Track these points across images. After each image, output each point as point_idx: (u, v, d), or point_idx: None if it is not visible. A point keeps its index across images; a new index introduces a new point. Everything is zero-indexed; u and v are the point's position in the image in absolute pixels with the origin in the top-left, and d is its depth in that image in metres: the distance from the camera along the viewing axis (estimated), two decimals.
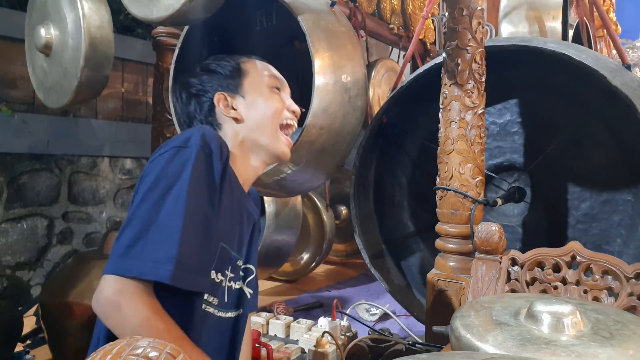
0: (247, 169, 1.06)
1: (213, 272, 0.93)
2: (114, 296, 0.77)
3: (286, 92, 1.14)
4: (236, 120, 1.05)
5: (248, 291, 1.11)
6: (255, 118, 1.06)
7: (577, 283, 1.05)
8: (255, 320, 1.74)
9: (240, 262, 1.06)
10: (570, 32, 2.51)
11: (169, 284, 0.77)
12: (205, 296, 0.94)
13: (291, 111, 1.10)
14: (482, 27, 1.41)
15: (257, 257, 1.20)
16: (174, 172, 0.83)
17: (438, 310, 1.44)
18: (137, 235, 0.79)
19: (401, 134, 2.07)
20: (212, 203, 0.88)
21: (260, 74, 1.09)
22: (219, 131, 1.05)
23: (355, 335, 1.63)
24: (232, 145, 1.03)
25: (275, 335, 1.70)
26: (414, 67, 3.07)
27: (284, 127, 1.09)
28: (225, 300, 1.00)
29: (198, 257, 0.83)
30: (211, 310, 0.96)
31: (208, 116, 1.06)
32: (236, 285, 1.05)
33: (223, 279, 0.97)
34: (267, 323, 1.74)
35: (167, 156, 0.85)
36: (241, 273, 1.08)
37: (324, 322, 1.63)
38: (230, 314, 1.03)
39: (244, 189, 1.06)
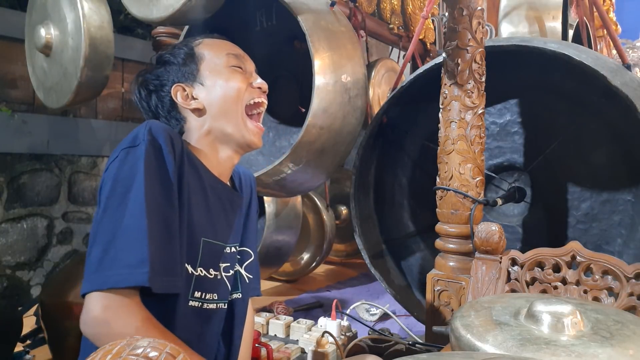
0: (219, 161, 1.01)
1: (200, 269, 0.91)
2: (101, 314, 0.75)
3: (249, 68, 1.05)
4: (198, 110, 0.99)
5: (246, 275, 1.08)
6: (218, 104, 0.99)
7: (577, 283, 1.05)
8: (255, 320, 1.74)
9: (233, 248, 1.03)
10: (570, 32, 2.51)
11: (148, 285, 0.75)
12: (208, 296, 0.93)
13: (257, 88, 1.03)
14: (482, 27, 1.41)
15: (257, 257, 1.18)
16: (127, 175, 0.81)
17: (438, 310, 1.44)
18: (106, 247, 0.77)
19: (401, 134, 2.07)
20: (169, 199, 0.84)
21: (217, 54, 1.02)
22: (184, 124, 1.00)
23: (355, 335, 1.63)
24: (199, 138, 0.99)
25: (275, 335, 1.70)
26: (414, 67, 3.07)
27: (252, 106, 1.02)
28: (226, 290, 1.00)
29: (166, 257, 0.81)
30: (213, 306, 0.96)
31: (171, 110, 1.00)
32: (232, 271, 1.03)
33: (217, 272, 0.96)
34: (267, 323, 1.74)
35: (118, 161, 0.83)
36: (237, 256, 1.06)
37: (324, 322, 1.63)
38: (231, 298, 1.03)
39: (222, 179, 1.02)
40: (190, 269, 0.90)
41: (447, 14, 1.51)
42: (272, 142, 2.19)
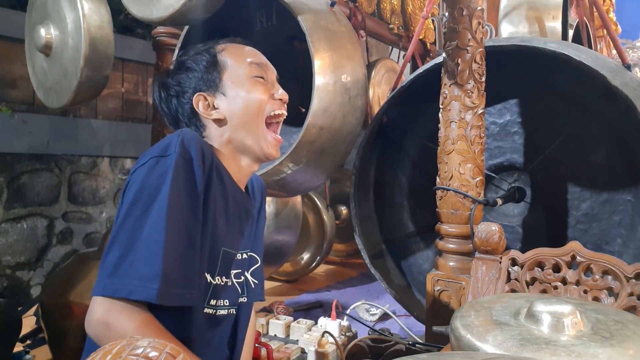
0: (239, 168, 1.02)
1: (218, 277, 0.92)
2: (103, 317, 0.76)
3: (271, 77, 1.06)
4: (219, 120, 0.99)
5: (252, 280, 1.09)
6: (239, 116, 0.99)
7: (577, 283, 1.05)
8: (257, 320, 1.74)
9: (245, 255, 1.05)
10: (570, 32, 2.51)
11: (155, 302, 0.75)
12: (221, 302, 0.94)
13: (278, 99, 1.03)
14: (482, 27, 1.41)
15: (262, 262, 1.18)
16: (154, 184, 0.81)
17: (438, 310, 1.44)
18: (123, 253, 0.77)
19: (401, 134, 2.07)
20: (194, 212, 0.85)
21: (240, 64, 1.01)
22: (204, 132, 1.01)
23: (355, 335, 1.63)
24: (219, 146, 1.00)
25: (275, 335, 1.70)
26: (414, 67, 3.07)
27: (272, 117, 1.02)
28: (237, 296, 1.01)
29: (183, 270, 0.81)
30: (224, 312, 0.96)
31: (191, 117, 1.01)
32: (243, 277, 1.04)
33: (228, 280, 0.97)
34: (267, 323, 1.74)
35: (147, 167, 0.83)
36: (248, 262, 1.07)
37: (324, 322, 1.63)
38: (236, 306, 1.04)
39: (240, 187, 1.03)
40: (209, 278, 0.91)
41: (447, 14, 1.51)
42: None
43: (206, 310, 0.92)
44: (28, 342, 1.72)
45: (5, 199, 2.33)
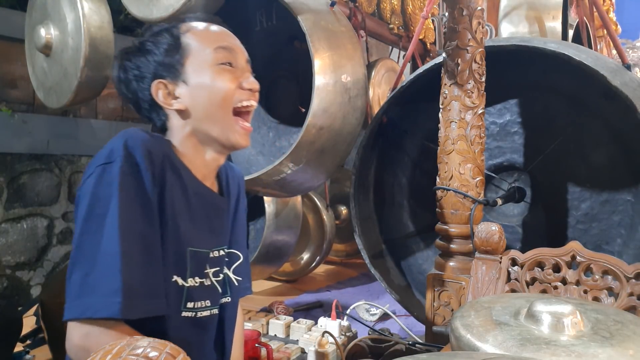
0: (204, 162, 0.95)
1: (191, 279, 0.88)
2: (81, 342, 0.75)
3: (241, 63, 0.95)
4: (180, 111, 0.91)
5: (235, 278, 1.04)
6: (202, 107, 0.90)
7: (577, 283, 1.05)
8: (257, 320, 1.74)
9: (221, 251, 0.99)
10: (570, 32, 2.51)
11: (122, 317, 0.74)
12: (200, 304, 0.91)
13: (247, 90, 0.93)
14: (482, 27, 1.41)
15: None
16: (103, 196, 0.78)
17: (438, 310, 1.44)
18: (85, 272, 0.76)
19: (401, 134, 2.07)
20: (149, 217, 0.81)
21: (205, 47, 0.91)
22: (167, 122, 0.93)
23: (355, 335, 1.63)
24: (182, 140, 0.93)
25: (275, 335, 1.70)
26: (414, 67, 3.07)
27: (241, 108, 0.93)
28: (217, 295, 0.97)
29: (146, 280, 0.79)
30: (207, 313, 0.93)
31: (152, 105, 0.93)
32: (222, 275, 1.00)
33: (204, 279, 0.93)
34: (267, 323, 1.74)
35: (94, 178, 0.79)
36: (226, 259, 1.02)
37: (324, 322, 1.63)
38: (220, 302, 1.00)
39: (207, 181, 0.97)
40: (180, 281, 0.87)
41: (447, 14, 1.51)
42: (272, 142, 2.19)
43: (185, 314, 0.88)
44: (28, 342, 1.72)
45: (5, 199, 2.33)
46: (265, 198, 2.34)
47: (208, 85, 0.90)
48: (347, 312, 1.90)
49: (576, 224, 1.72)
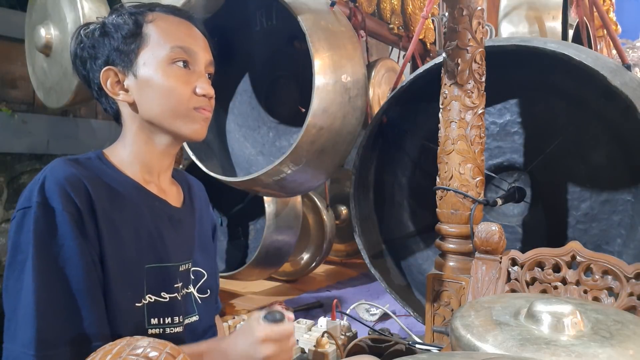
0: (157, 157, 0.90)
1: (149, 296, 0.84)
2: None
3: (198, 67, 0.88)
4: (128, 104, 0.86)
5: (199, 297, 0.98)
6: (149, 106, 0.85)
7: (577, 283, 1.05)
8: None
9: (187, 265, 0.94)
10: (570, 32, 2.51)
11: None
12: (168, 320, 0.87)
13: (201, 95, 0.86)
14: (482, 27, 1.41)
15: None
16: (23, 242, 0.76)
17: (438, 310, 1.44)
18: (10, 317, 0.75)
19: (401, 133, 2.07)
20: (72, 261, 0.76)
21: (164, 41, 0.85)
22: (119, 110, 0.88)
23: (355, 335, 1.63)
24: (133, 135, 0.88)
25: None
26: (414, 67, 3.07)
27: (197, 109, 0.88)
28: (182, 313, 0.91)
29: (63, 327, 0.75)
30: (179, 329, 0.89)
31: (100, 90, 0.87)
32: (188, 290, 0.94)
33: (172, 294, 0.88)
34: None
35: (15, 224, 0.78)
36: (191, 276, 0.96)
37: (324, 322, 1.63)
38: (187, 321, 0.93)
39: (163, 183, 0.93)
40: (136, 301, 0.83)
41: (447, 14, 1.51)
42: (272, 142, 2.19)
43: (151, 331, 0.84)
44: None
45: (5, 199, 2.33)
46: (265, 198, 2.34)
47: (155, 84, 0.84)
48: (347, 312, 1.90)
49: (576, 224, 1.72)
